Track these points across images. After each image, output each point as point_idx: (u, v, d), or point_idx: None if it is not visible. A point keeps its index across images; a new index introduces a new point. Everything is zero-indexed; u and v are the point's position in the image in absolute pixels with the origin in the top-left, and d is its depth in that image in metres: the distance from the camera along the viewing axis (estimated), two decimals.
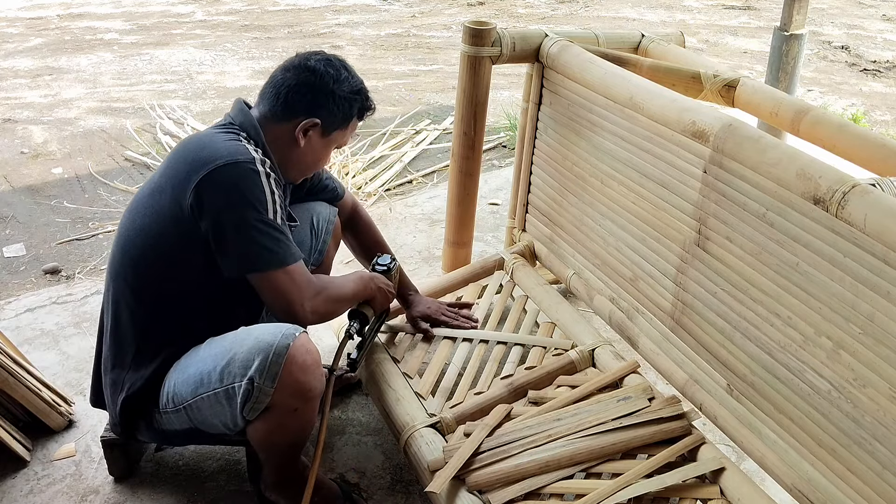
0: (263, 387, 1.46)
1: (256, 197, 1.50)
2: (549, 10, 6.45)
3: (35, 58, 5.10)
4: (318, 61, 1.63)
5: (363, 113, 1.70)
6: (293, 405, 1.51)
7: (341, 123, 1.66)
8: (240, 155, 1.52)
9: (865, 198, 1.31)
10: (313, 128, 1.63)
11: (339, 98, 1.62)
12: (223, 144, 1.53)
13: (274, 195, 1.53)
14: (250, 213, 1.49)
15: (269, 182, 1.53)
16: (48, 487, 1.80)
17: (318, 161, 1.71)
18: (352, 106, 1.65)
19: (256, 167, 1.52)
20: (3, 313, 2.44)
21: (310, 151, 1.66)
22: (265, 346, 1.46)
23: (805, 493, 1.50)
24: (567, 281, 2.22)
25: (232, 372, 1.48)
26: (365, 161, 3.52)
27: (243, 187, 1.50)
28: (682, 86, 2.10)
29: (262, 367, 1.45)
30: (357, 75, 1.68)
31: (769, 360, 1.57)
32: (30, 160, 3.60)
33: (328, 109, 1.62)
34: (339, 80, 1.63)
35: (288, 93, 1.60)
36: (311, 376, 1.51)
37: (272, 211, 1.52)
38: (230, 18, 6.14)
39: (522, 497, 1.57)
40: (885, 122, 4.29)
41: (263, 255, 1.51)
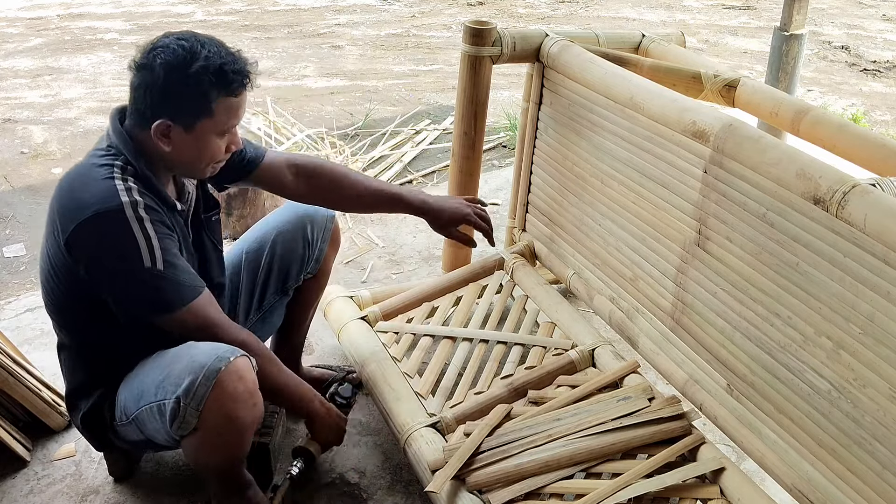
0: (189, 409, 1.42)
1: (126, 250, 1.42)
2: (550, 10, 6.45)
3: (35, 58, 5.10)
4: (150, 53, 1.43)
5: (228, 87, 1.44)
6: (219, 430, 1.46)
7: (199, 112, 1.45)
8: (106, 202, 1.41)
9: (865, 198, 1.31)
10: (170, 129, 1.46)
11: (180, 88, 1.42)
12: (92, 188, 1.44)
13: (150, 240, 1.43)
14: (124, 267, 1.43)
15: (143, 226, 1.42)
16: (48, 487, 1.80)
17: (202, 156, 1.51)
18: (200, 89, 1.42)
19: (125, 213, 1.41)
20: (3, 313, 2.44)
21: (183, 152, 1.49)
22: (197, 367, 1.42)
23: (805, 493, 1.50)
24: (567, 281, 2.22)
25: (165, 388, 1.45)
26: (365, 161, 3.51)
27: (110, 241, 1.42)
28: (682, 86, 2.10)
29: (188, 389, 1.41)
30: (202, 49, 1.42)
31: (769, 360, 1.57)
32: (30, 160, 3.60)
33: (173, 105, 1.44)
34: (172, 67, 1.41)
35: (135, 98, 1.46)
36: (240, 406, 1.45)
37: (149, 259, 1.43)
38: (230, 18, 6.13)
39: (522, 497, 1.57)
40: (885, 122, 4.29)
41: (152, 302, 1.46)
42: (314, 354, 2.25)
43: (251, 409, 1.48)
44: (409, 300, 2.21)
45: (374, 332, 2.10)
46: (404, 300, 2.21)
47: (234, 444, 1.53)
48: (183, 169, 1.56)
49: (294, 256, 1.89)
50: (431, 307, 2.19)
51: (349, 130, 3.87)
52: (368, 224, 2.99)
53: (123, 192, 1.44)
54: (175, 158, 1.50)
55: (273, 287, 1.89)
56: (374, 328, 2.11)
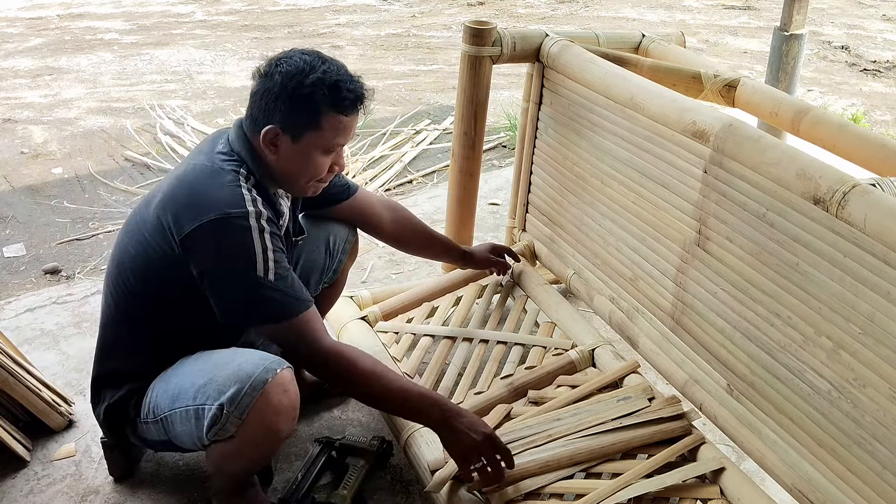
0: (231, 417, 1.43)
1: (246, 257, 1.44)
2: (550, 10, 6.45)
3: (35, 58, 5.10)
4: (274, 62, 1.49)
5: (339, 105, 1.48)
6: (256, 441, 1.47)
7: (308, 124, 1.48)
8: (232, 208, 1.45)
9: (865, 198, 1.31)
10: (277, 136, 1.49)
11: (292, 97, 1.46)
12: (220, 192, 1.47)
13: (267, 251, 1.45)
14: (239, 273, 1.45)
15: (262, 237, 1.45)
16: (48, 487, 1.80)
17: (304, 170, 1.54)
18: (312, 101, 1.46)
19: (249, 222, 1.45)
20: (3, 313, 2.44)
21: (288, 161, 1.52)
22: (244, 376, 1.43)
23: (805, 493, 1.50)
24: (567, 281, 2.22)
25: (206, 392, 1.45)
26: (365, 161, 3.51)
27: (232, 246, 1.44)
28: (682, 86, 2.10)
29: (234, 398, 1.42)
30: (321, 64, 1.47)
31: (769, 360, 1.57)
32: (30, 160, 3.60)
33: (283, 112, 1.47)
34: (290, 77, 1.46)
35: (252, 104, 1.51)
36: (282, 419, 1.46)
37: (263, 269, 1.45)
38: (230, 18, 6.14)
39: (522, 497, 1.57)
40: (885, 122, 4.29)
41: (258, 310, 1.47)
42: None
43: (290, 423, 1.49)
44: (409, 300, 2.21)
45: (374, 332, 2.10)
46: (404, 300, 2.21)
47: (264, 455, 1.55)
48: (286, 181, 1.57)
49: (315, 266, 1.88)
50: (431, 307, 2.20)
51: None
52: None
53: (249, 201, 1.47)
54: (279, 168, 1.53)
55: None
56: (374, 328, 2.12)
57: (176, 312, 1.55)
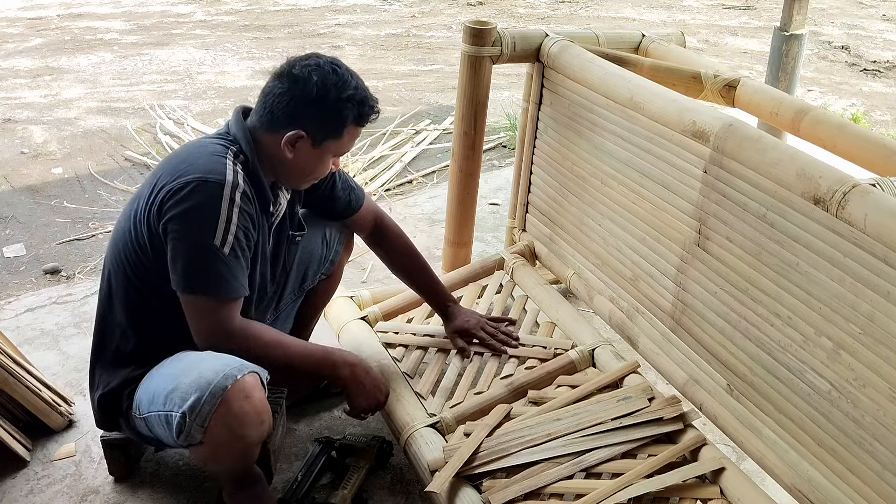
0: (194, 425, 1.43)
1: (207, 220, 1.46)
2: (550, 10, 6.45)
3: (35, 58, 5.10)
4: (305, 67, 1.55)
5: (361, 119, 1.60)
6: (226, 445, 1.47)
7: (332, 133, 1.58)
8: (212, 174, 1.48)
9: (865, 198, 1.30)
10: (300, 140, 1.56)
11: (325, 107, 1.54)
12: (204, 159, 1.51)
13: (230, 224, 1.48)
14: (195, 234, 1.47)
15: (231, 209, 1.48)
16: (48, 487, 1.80)
17: (313, 170, 1.64)
18: (341, 114, 1.56)
19: (223, 191, 1.47)
20: (3, 313, 2.44)
21: (301, 162, 1.59)
22: (204, 384, 1.42)
23: (805, 493, 1.50)
24: (567, 281, 2.22)
25: (173, 399, 1.46)
26: (365, 161, 3.51)
27: (198, 207, 1.46)
28: (682, 86, 2.09)
29: (194, 406, 1.42)
30: (351, 79, 1.57)
31: (769, 360, 1.57)
32: (30, 160, 3.60)
33: (314, 120, 1.55)
34: (326, 88, 1.53)
35: (274, 103, 1.55)
36: (247, 424, 1.45)
37: (221, 238, 1.47)
38: (230, 18, 6.14)
39: (522, 497, 1.57)
40: (885, 122, 4.29)
41: (193, 277, 1.49)
42: None
43: (258, 427, 1.48)
44: (409, 300, 2.21)
45: (374, 332, 2.10)
46: (404, 300, 2.21)
47: (239, 458, 1.54)
48: (288, 177, 1.64)
49: (313, 256, 1.89)
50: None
51: None
52: None
53: (231, 171, 1.50)
54: (290, 166, 1.59)
55: (291, 287, 1.89)
56: (374, 328, 2.11)
57: (166, 295, 1.55)
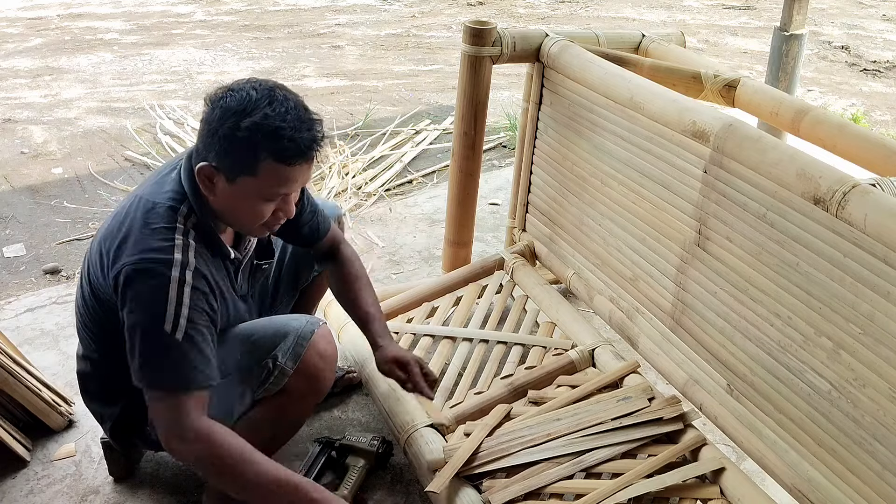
0: (285, 367, 1.55)
1: (154, 308, 1.35)
2: (550, 10, 6.45)
3: (35, 58, 5.10)
4: (226, 90, 1.38)
5: (280, 155, 1.35)
6: (304, 391, 1.60)
7: (244, 168, 1.36)
8: (153, 256, 1.37)
9: (865, 198, 1.31)
10: (215, 174, 1.39)
11: (230, 136, 1.34)
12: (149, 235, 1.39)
13: (181, 307, 1.36)
14: (146, 325, 1.36)
15: (181, 291, 1.37)
16: (48, 487, 1.80)
17: (244, 214, 1.44)
18: (250, 146, 1.34)
19: (168, 272, 1.36)
20: (3, 313, 2.44)
21: (226, 201, 1.42)
22: (292, 329, 1.57)
23: (805, 493, 1.50)
24: (567, 281, 2.22)
25: (255, 355, 1.55)
26: (365, 161, 3.51)
27: (143, 296, 1.37)
28: (682, 86, 2.09)
29: (286, 349, 1.55)
30: (271, 108, 1.34)
31: (769, 360, 1.57)
32: (30, 160, 3.60)
33: (219, 150, 1.37)
34: (232, 114, 1.34)
35: (198, 134, 1.42)
36: (328, 366, 1.61)
37: (171, 325, 1.35)
38: (230, 18, 6.13)
39: (522, 497, 1.57)
40: (885, 122, 4.29)
41: (150, 370, 1.38)
42: None
43: (332, 373, 1.65)
44: (409, 300, 2.21)
45: None
46: (404, 300, 2.21)
47: (304, 411, 1.69)
48: (227, 221, 1.49)
49: (304, 256, 1.88)
50: (431, 307, 2.20)
51: (349, 130, 3.87)
52: (368, 224, 2.99)
53: (179, 248, 1.39)
54: (218, 207, 1.45)
55: (284, 289, 1.88)
56: None
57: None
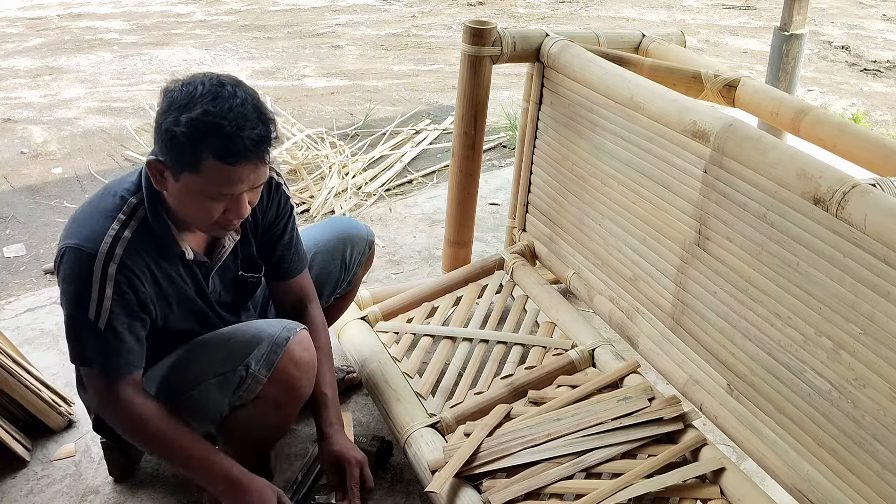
0: (258, 374, 1.50)
1: (79, 293, 1.38)
2: (550, 10, 6.45)
3: (35, 58, 5.09)
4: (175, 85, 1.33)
5: (221, 153, 1.29)
6: (280, 399, 1.55)
7: (186, 166, 1.32)
8: (88, 242, 1.38)
9: (865, 198, 1.30)
10: (162, 169, 1.36)
11: (173, 133, 1.30)
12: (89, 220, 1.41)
13: (103, 300, 1.38)
14: (69, 307, 1.42)
15: (104, 281, 1.38)
16: (48, 487, 1.80)
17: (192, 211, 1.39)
18: (192, 144, 1.29)
19: (96, 260, 1.37)
20: (3, 313, 2.44)
21: (175, 197, 1.39)
22: (266, 336, 1.51)
23: (805, 493, 1.50)
24: (567, 281, 2.22)
25: (232, 360, 1.50)
26: (365, 161, 3.51)
27: (71, 280, 1.40)
28: (682, 86, 2.09)
29: (259, 356, 1.49)
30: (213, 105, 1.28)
31: (769, 360, 1.57)
32: (30, 160, 3.60)
33: (163, 147, 1.34)
34: (172, 110, 1.30)
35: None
36: (304, 374, 1.55)
37: (94, 313, 1.38)
38: (230, 18, 6.13)
39: (522, 497, 1.57)
40: (885, 122, 4.29)
41: (73, 349, 1.46)
42: None
43: (309, 381, 1.58)
44: (409, 300, 2.21)
45: (374, 332, 2.10)
46: (404, 300, 2.21)
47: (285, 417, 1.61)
48: (181, 217, 1.45)
49: (330, 278, 1.86)
50: (431, 307, 2.20)
51: (349, 130, 3.87)
52: (368, 224, 2.99)
53: (110, 239, 1.39)
54: (170, 203, 1.42)
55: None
56: (374, 328, 2.12)
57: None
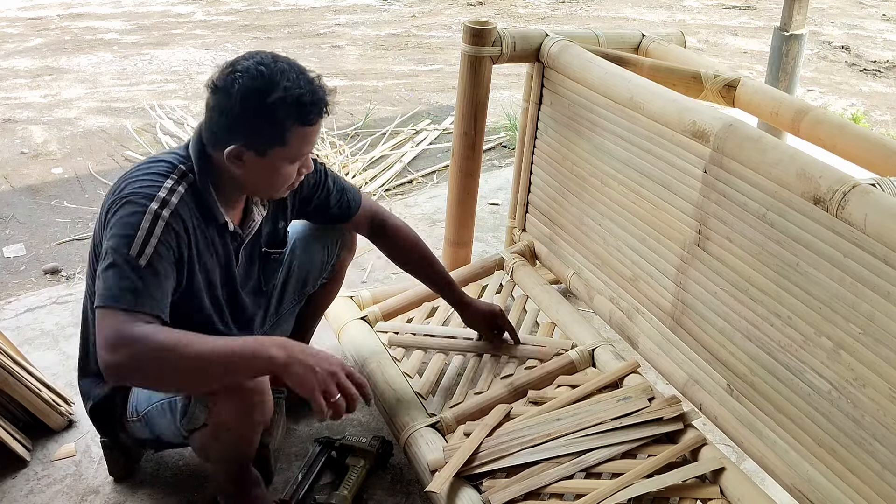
0: (198, 405, 1.44)
1: (127, 232, 1.39)
2: (549, 10, 6.45)
3: (35, 58, 5.10)
4: (229, 74, 1.43)
5: (303, 119, 1.44)
6: (228, 427, 1.47)
7: (274, 140, 1.45)
8: (141, 194, 1.43)
9: (865, 198, 1.31)
10: (244, 153, 1.45)
11: (257, 117, 1.42)
12: (143, 178, 1.46)
13: (150, 237, 1.39)
14: (116, 246, 1.39)
15: (154, 223, 1.40)
16: (48, 487, 1.80)
17: (275, 180, 1.52)
18: (276, 119, 1.42)
19: (149, 206, 1.41)
20: (3, 313, 2.44)
21: (255, 175, 1.50)
22: None
23: (805, 493, 1.50)
24: (567, 281, 2.22)
25: None
26: (365, 161, 3.51)
27: (121, 223, 1.41)
28: (682, 86, 2.09)
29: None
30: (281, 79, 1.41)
31: (769, 360, 1.57)
32: (30, 160, 3.60)
33: (247, 131, 1.44)
34: (250, 96, 1.41)
35: (209, 119, 1.48)
36: (247, 402, 1.45)
37: (137, 250, 1.38)
38: (230, 18, 6.14)
39: (522, 497, 1.57)
40: (885, 122, 4.29)
41: (106, 288, 1.38)
42: None
43: (259, 406, 1.48)
44: (409, 300, 2.21)
45: (374, 332, 2.10)
46: (404, 300, 2.21)
47: (241, 441, 1.54)
48: (255, 190, 1.56)
49: (313, 262, 1.87)
50: (431, 307, 2.19)
51: (349, 130, 3.87)
52: None
53: (165, 190, 1.45)
54: (247, 181, 1.51)
55: (291, 292, 1.87)
56: (374, 328, 2.12)
57: None
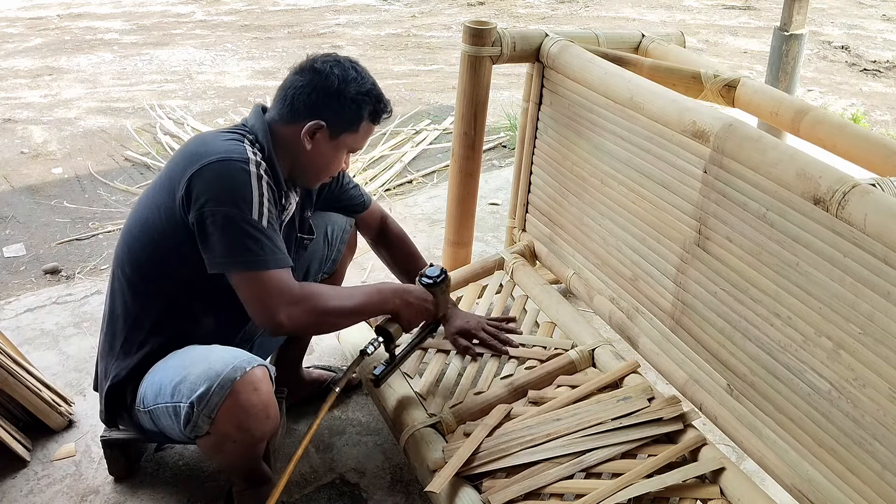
0: (201, 416, 1.44)
1: (242, 195, 1.47)
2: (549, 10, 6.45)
3: (35, 58, 5.10)
4: (326, 63, 1.60)
5: (376, 116, 1.65)
6: (232, 437, 1.48)
7: (349, 126, 1.62)
8: (234, 153, 1.50)
9: (865, 198, 1.31)
10: (319, 130, 1.59)
11: (345, 100, 1.59)
12: (222, 143, 1.52)
13: (263, 197, 1.49)
14: (233, 211, 1.46)
15: (260, 184, 1.50)
16: (48, 487, 1.80)
17: (329, 165, 1.66)
18: (360, 108, 1.61)
19: (249, 167, 1.49)
20: (3, 313, 2.44)
21: (319, 155, 1.63)
22: (213, 374, 1.43)
23: (805, 493, 1.50)
24: (567, 281, 2.22)
25: (181, 391, 1.46)
26: (365, 161, 3.51)
27: (230, 184, 1.47)
28: (682, 86, 2.10)
29: (203, 396, 1.42)
30: (368, 77, 1.64)
31: (769, 360, 1.57)
32: (30, 160, 3.60)
33: (333, 111, 1.59)
34: (346, 81, 1.59)
35: (294, 95, 1.58)
36: (253, 417, 1.46)
37: (257, 212, 1.48)
38: (230, 18, 6.14)
39: (522, 497, 1.57)
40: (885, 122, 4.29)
41: (241, 254, 1.46)
42: (314, 354, 2.25)
43: (263, 422, 1.48)
44: None
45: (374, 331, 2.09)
46: None
47: (245, 451, 1.54)
48: (305, 170, 1.66)
49: (315, 255, 1.90)
50: None
51: None
52: None
53: (250, 152, 1.53)
54: (308, 158, 1.63)
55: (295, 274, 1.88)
56: (373, 328, 2.11)
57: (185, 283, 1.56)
